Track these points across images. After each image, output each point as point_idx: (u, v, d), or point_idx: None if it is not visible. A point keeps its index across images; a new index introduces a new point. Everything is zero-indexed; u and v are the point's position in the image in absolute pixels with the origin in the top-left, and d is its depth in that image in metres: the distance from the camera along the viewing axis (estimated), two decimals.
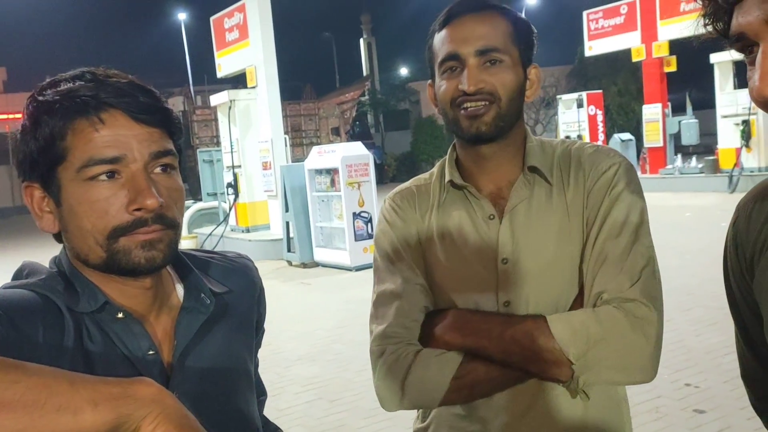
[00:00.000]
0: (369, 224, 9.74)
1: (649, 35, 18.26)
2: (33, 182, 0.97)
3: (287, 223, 10.66)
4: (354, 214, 9.70)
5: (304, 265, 10.45)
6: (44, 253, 1.11)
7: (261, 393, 1.24)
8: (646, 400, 4.29)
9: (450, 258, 1.36)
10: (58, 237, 1.02)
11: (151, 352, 0.98)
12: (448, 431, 1.38)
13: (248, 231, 12.48)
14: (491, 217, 1.34)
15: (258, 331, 1.22)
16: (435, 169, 1.46)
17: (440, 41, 1.32)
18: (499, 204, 1.35)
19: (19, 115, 0.96)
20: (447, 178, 1.39)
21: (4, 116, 37.93)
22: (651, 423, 4.01)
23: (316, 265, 10.44)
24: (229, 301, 1.12)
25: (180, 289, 1.08)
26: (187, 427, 0.72)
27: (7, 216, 29.90)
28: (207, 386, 1.04)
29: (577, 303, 1.29)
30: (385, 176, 27.91)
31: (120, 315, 0.97)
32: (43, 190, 0.97)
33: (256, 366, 1.23)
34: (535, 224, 1.32)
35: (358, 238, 9.69)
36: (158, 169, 0.97)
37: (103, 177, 0.93)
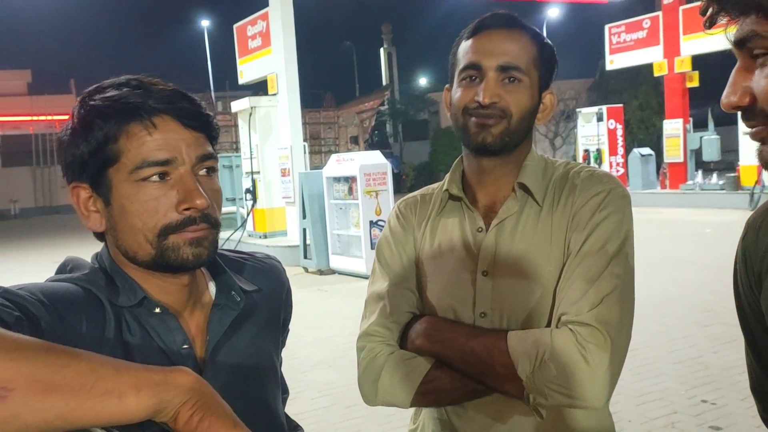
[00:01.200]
0: None
1: (672, 50, 18.18)
2: (81, 183, 1.02)
3: (304, 230, 10.71)
4: (371, 222, 9.72)
5: (321, 272, 10.48)
6: (67, 251, 1.14)
7: (284, 391, 1.28)
8: (663, 416, 4.27)
9: (436, 266, 1.41)
10: (98, 236, 1.07)
11: (185, 347, 1.03)
12: None
13: (265, 237, 12.55)
14: (479, 229, 1.37)
15: (284, 329, 1.27)
16: (446, 179, 1.49)
17: (465, 49, 1.35)
18: (490, 217, 1.38)
19: (43, 117, 0.99)
20: (445, 188, 1.44)
21: (29, 118, 38.42)
22: None
23: (333, 272, 10.47)
24: (258, 300, 1.16)
25: (212, 287, 1.12)
26: (222, 414, 0.75)
27: (29, 216, 30.27)
28: (236, 381, 1.07)
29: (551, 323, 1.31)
30: (402, 186, 27.91)
31: (157, 310, 1.02)
32: (92, 190, 1.01)
33: (280, 364, 1.26)
34: (518, 241, 1.34)
35: (374, 246, 9.62)
36: (203, 172, 1.02)
37: (155, 178, 0.97)
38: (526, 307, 1.31)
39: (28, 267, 13.00)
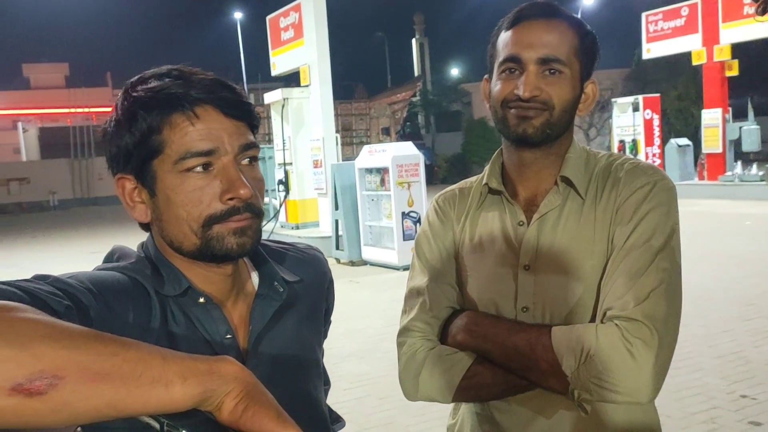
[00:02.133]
0: (418, 224, 9.73)
1: (711, 38, 17.79)
2: (126, 174, 1.02)
3: (336, 221, 10.74)
4: (403, 213, 9.71)
5: (353, 263, 10.51)
6: (105, 242, 1.15)
7: (326, 382, 1.28)
8: (702, 411, 4.20)
9: (477, 260, 1.39)
10: (143, 226, 1.07)
11: (228, 336, 1.03)
12: (470, 429, 1.42)
13: (297, 228, 12.62)
14: (521, 223, 1.35)
15: (326, 320, 1.26)
16: (485, 172, 1.47)
17: (504, 41, 1.31)
18: (531, 211, 1.36)
19: (80, 110, 0.99)
20: (484, 182, 1.41)
21: (67, 110, 39.18)
22: None
23: (364, 263, 10.49)
24: (300, 291, 1.16)
25: (255, 277, 1.12)
26: (267, 404, 0.75)
27: (68, 207, 30.90)
28: (278, 371, 1.07)
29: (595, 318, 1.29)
30: (434, 177, 27.83)
31: (201, 300, 1.02)
32: (136, 181, 1.02)
33: (322, 355, 1.26)
34: (560, 234, 1.31)
35: (406, 237, 9.69)
36: (245, 161, 1.01)
37: (198, 169, 0.97)
38: (568, 302, 1.29)
39: (67, 257, 13.27)
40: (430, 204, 1.52)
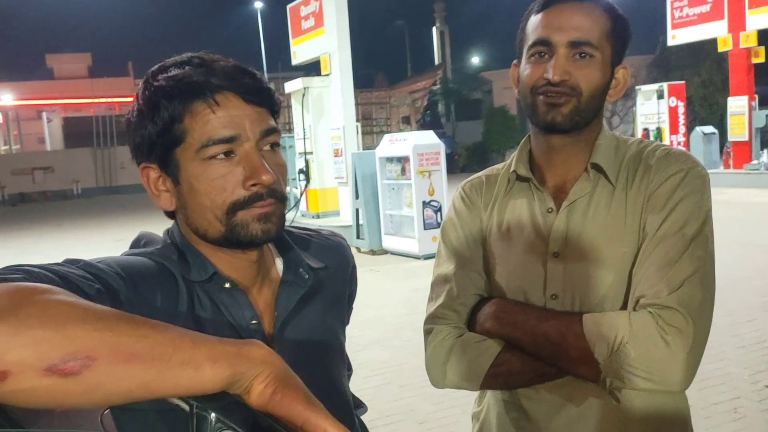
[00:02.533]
0: (438, 213, 9.72)
1: (737, 24, 17.46)
2: (150, 163, 1.02)
3: (357, 210, 10.74)
4: (424, 202, 9.69)
5: (373, 252, 10.52)
6: (127, 229, 1.17)
7: (348, 368, 1.29)
8: (725, 401, 4.16)
9: (505, 248, 1.38)
10: (169, 214, 1.08)
11: (253, 322, 1.04)
12: (496, 417, 1.42)
13: (318, 217, 12.65)
14: (549, 210, 1.34)
15: (349, 306, 1.27)
16: (512, 159, 1.46)
17: (534, 24, 1.29)
18: (560, 198, 1.34)
19: (103, 100, 1.00)
20: (512, 169, 1.40)
21: (89, 100, 39.52)
22: (728, 424, 3.89)
23: (385, 252, 10.49)
24: (325, 277, 1.16)
25: (279, 264, 1.13)
26: (295, 388, 0.75)
27: (91, 196, 31.28)
28: (303, 357, 1.07)
29: (626, 306, 1.27)
30: (455, 166, 27.71)
31: (227, 285, 1.03)
32: (160, 170, 1.02)
33: (344, 341, 1.26)
34: (590, 222, 1.30)
35: (427, 226, 9.67)
36: (267, 147, 1.01)
37: (221, 156, 0.98)
38: (598, 289, 1.28)
39: (93, 245, 13.43)
40: (456, 191, 1.51)
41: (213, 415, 0.72)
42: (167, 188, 1.03)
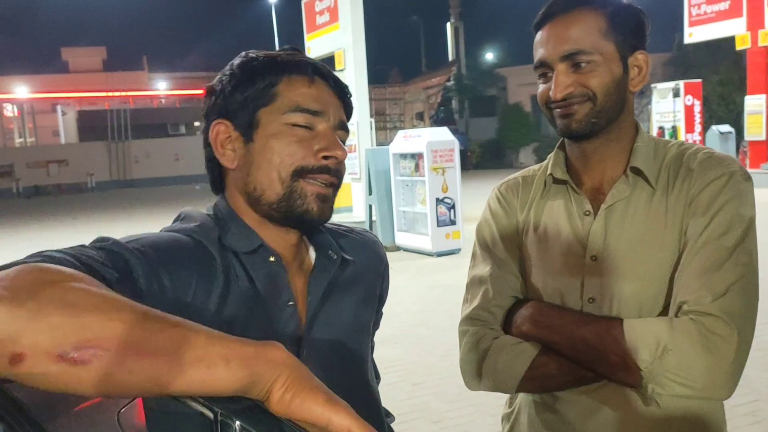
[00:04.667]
0: (452, 210, 9.69)
1: (756, 22, 17.28)
2: (224, 119, 1.07)
3: (370, 207, 10.74)
4: (437, 199, 9.66)
5: (386, 249, 10.44)
6: (141, 223, 1.17)
7: (376, 375, 1.27)
8: (744, 403, 4.11)
9: (541, 250, 1.37)
10: (216, 190, 1.13)
11: (290, 303, 1.05)
12: (527, 419, 1.41)
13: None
14: (587, 213, 1.33)
15: (379, 307, 1.27)
16: (548, 161, 1.45)
17: (535, 45, 1.31)
18: (597, 200, 1.33)
19: (117, 93, 1.02)
20: (548, 172, 1.40)
21: (104, 94, 39.77)
22: (747, 427, 3.85)
23: (398, 249, 10.48)
24: (357, 272, 1.18)
25: (312, 253, 1.15)
26: (314, 389, 0.73)
27: (105, 189, 31.49)
28: (336, 353, 1.09)
29: (665, 312, 1.25)
30: (468, 163, 27.60)
31: (272, 258, 1.05)
32: (234, 128, 1.06)
33: (372, 349, 1.27)
34: (629, 225, 1.29)
35: (440, 223, 9.65)
36: (336, 137, 1.08)
37: (302, 125, 1.04)
38: (637, 294, 1.26)
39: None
40: (492, 192, 1.51)
41: (237, 423, 0.70)
42: (234, 148, 1.07)
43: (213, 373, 0.70)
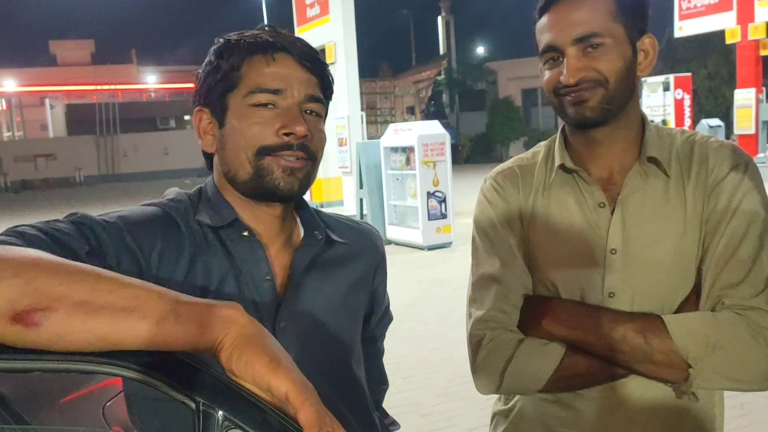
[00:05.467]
0: (443, 204, 9.69)
1: (745, 16, 17.38)
2: (204, 107, 1.12)
3: (361, 200, 10.73)
4: (428, 193, 9.64)
5: None
6: None
7: (382, 381, 1.26)
8: (731, 396, 4.12)
9: (555, 243, 1.32)
10: (209, 165, 1.17)
11: (267, 278, 1.07)
12: (534, 415, 1.36)
13: (322, 206, 12.61)
14: (601, 205, 1.28)
15: (380, 303, 1.29)
16: (540, 150, 1.40)
17: (540, 30, 1.26)
18: (609, 191, 1.29)
19: (106, 87, 1.04)
20: (558, 162, 1.33)
21: (92, 87, 39.51)
22: (735, 419, 3.87)
23: (389, 242, 10.45)
24: (349, 253, 1.20)
25: (302, 231, 1.17)
26: (260, 350, 0.70)
27: (93, 183, 31.31)
28: (316, 330, 1.10)
29: (689, 303, 1.24)
30: (459, 157, 27.60)
31: (245, 233, 1.08)
32: (211, 114, 1.11)
33: (382, 353, 1.30)
34: (648, 216, 1.26)
35: (431, 217, 9.64)
36: (309, 112, 1.09)
37: (264, 105, 1.07)
38: (659, 287, 1.24)
39: None
40: (486, 183, 1.43)
41: (220, 413, 0.69)
42: (213, 133, 1.12)
43: (162, 328, 0.70)
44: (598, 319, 1.22)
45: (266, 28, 1.12)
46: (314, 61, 1.10)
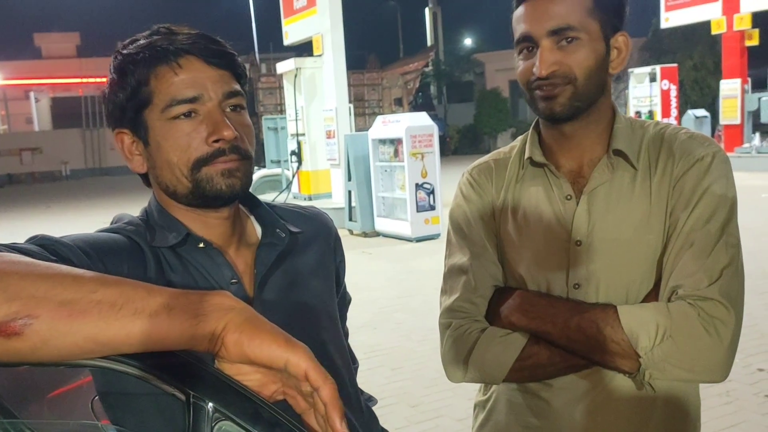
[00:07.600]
0: (431, 195, 9.70)
1: (731, 6, 17.43)
2: (123, 129, 1.08)
3: (349, 192, 10.71)
4: (416, 185, 9.66)
5: (365, 235, 10.50)
6: (117, 211, 1.22)
7: (353, 360, 1.29)
8: (716, 384, 4.17)
9: (522, 235, 1.34)
10: (147, 181, 1.14)
11: (233, 281, 1.07)
12: (506, 405, 1.39)
13: (310, 199, 12.60)
14: (568, 197, 1.31)
15: (339, 282, 1.28)
16: (517, 143, 1.42)
17: (516, 20, 1.27)
18: (578, 183, 1.31)
19: (92, 80, 1.04)
20: (527, 155, 1.36)
21: (78, 80, 39.15)
22: (720, 407, 3.91)
23: (377, 234, 10.48)
24: (304, 241, 1.20)
25: (258, 229, 1.17)
26: (268, 329, 0.70)
27: (80, 177, 31.06)
28: (287, 318, 1.08)
29: (652, 295, 1.25)
30: (446, 149, 27.57)
31: (201, 245, 1.07)
32: (133, 134, 1.08)
33: (346, 335, 1.29)
34: (613, 208, 1.27)
35: (420, 209, 9.66)
36: (229, 108, 1.06)
37: (184, 116, 1.03)
38: (623, 279, 1.25)
39: (80, 226, 13.29)
40: (463, 177, 1.46)
41: (210, 405, 0.68)
42: (140, 152, 1.09)
43: (156, 324, 0.67)
44: (557, 308, 1.25)
45: (161, 30, 1.06)
46: (221, 56, 1.06)
